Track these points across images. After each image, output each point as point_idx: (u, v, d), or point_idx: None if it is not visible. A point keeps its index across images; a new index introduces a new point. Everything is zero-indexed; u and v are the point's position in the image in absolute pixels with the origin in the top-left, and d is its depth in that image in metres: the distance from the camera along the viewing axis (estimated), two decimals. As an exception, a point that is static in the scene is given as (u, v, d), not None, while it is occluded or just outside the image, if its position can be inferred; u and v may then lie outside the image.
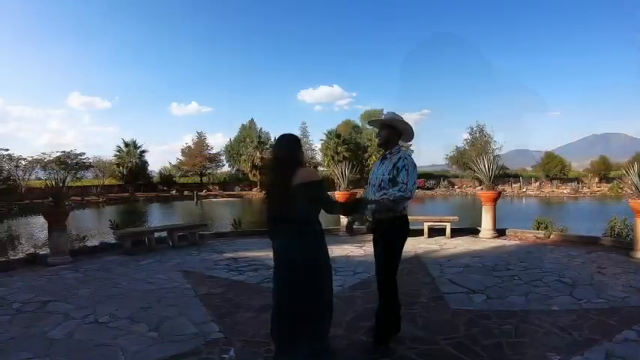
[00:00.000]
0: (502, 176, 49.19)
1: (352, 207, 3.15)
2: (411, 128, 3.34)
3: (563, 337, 3.37)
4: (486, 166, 8.80)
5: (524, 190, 41.10)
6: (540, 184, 44.38)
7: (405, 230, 3.26)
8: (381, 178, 3.16)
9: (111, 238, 10.00)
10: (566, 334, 3.40)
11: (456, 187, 45.28)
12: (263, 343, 3.34)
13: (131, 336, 3.55)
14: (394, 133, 3.29)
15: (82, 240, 12.19)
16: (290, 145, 2.82)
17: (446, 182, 46.55)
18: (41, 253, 7.38)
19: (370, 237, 3.46)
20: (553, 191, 39.53)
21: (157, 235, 8.40)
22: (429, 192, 42.71)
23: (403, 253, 6.62)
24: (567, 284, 4.84)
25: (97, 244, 8.46)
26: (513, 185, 43.48)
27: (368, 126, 54.24)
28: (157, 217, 24.74)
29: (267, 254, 6.87)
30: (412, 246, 7.49)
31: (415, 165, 3.18)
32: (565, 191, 38.79)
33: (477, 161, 9.10)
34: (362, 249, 7.39)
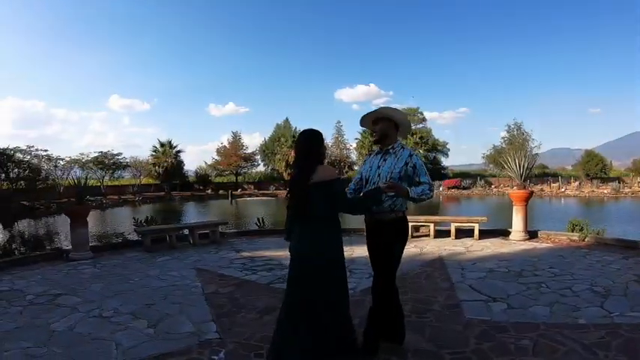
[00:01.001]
0: (541, 175, 47.16)
1: (372, 197, 2.84)
2: (408, 120, 3.09)
3: (586, 356, 2.95)
4: (517, 163, 8.21)
5: (562, 189, 39.01)
6: (580, 183, 42.01)
7: (407, 232, 3.04)
8: (389, 176, 2.89)
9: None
10: (590, 354, 2.98)
11: (492, 186, 43.61)
12: (256, 347, 3.25)
13: (129, 331, 3.60)
14: (391, 125, 3.02)
15: (118, 237, 12.59)
16: (308, 141, 2.70)
17: (482, 181, 44.93)
18: (65, 248, 7.59)
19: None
20: (593, 191, 37.13)
21: (181, 232, 8.53)
22: (465, 191, 41.36)
23: (427, 255, 6.45)
24: (599, 294, 4.33)
25: (120, 241, 8.67)
26: (552, 185, 41.44)
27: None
28: (191, 215, 25.29)
29: (286, 254, 6.63)
30: (437, 248, 7.16)
31: None
32: (605, 191, 36.35)
33: (507, 158, 8.54)
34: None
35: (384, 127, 3.00)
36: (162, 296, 4.63)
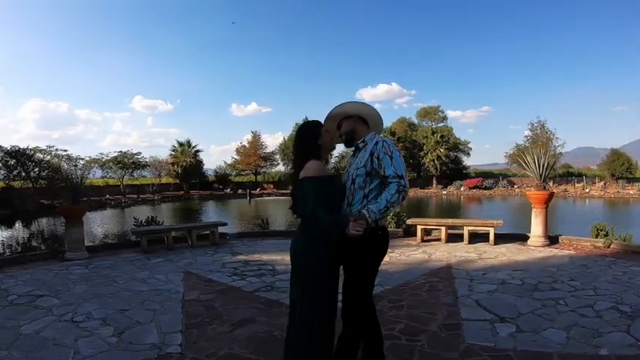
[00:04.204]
0: (565, 175, 45.36)
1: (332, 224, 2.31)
2: (371, 108, 2.55)
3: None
4: (537, 162, 7.53)
5: (587, 190, 37.22)
6: (605, 183, 40.03)
7: (385, 244, 2.45)
8: (354, 174, 2.39)
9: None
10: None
11: (515, 186, 42.16)
12: (214, 366, 2.94)
13: (92, 339, 3.43)
14: (353, 120, 2.54)
15: (122, 237, 12.46)
16: (300, 135, 2.46)
17: (505, 181, 43.44)
18: (62, 248, 7.45)
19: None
20: (618, 192, 35.20)
21: (180, 233, 8.30)
22: (486, 192, 40.09)
23: (434, 263, 5.92)
24: (625, 314, 3.69)
25: (117, 242, 8.48)
26: (576, 185, 39.70)
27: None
28: (208, 214, 25.32)
29: (283, 258, 6.48)
30: (447, 254, 6.62)
31: (399, 150, 2.39)
32: (631, 192, 34.39)
33: (525, 157, 7.84)
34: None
35: (348, 126, 2.54)
36: (140, 301, 4.41)
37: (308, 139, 2.40)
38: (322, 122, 2.54)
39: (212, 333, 3.51)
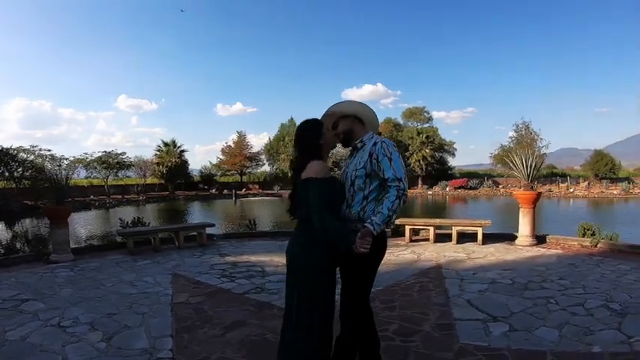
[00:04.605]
0: (549, 175, 46.19)
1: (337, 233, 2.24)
2: (367, 108, 2.53)
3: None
4: (524, 162, 7.63)
5: (571, 190, 38.06)
6: (589, 183, 41.05)
7: (384, 244, 2.43)
8: (353, 175, 2.35)
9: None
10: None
11: (500, 186, 42.85)
12: (208, 371, 2.87)
13: (81, 344, 3.34)
14: (350, 120, 2.49)
15: (107, 238, 12.22)
16: (301, 133, 2.37)
17: (490, 182, 44.06)
18: (46, 250, 7.27)
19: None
20: (602, 192, 36.15)
21: (166, 234, 8.16)
22: (471, 192, 40.57)
23: (423, 263, 5.94)
24: (615, 312, 3.76)
25: (103, 243, 8.33)
26: (560, 185, 40.58)
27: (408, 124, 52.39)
28: (194, 215, 25.06)
29: (272, 259, 6.41)
30: (436, 254, 6.65)
31: (398, 152, 2.36)
32: (615, 192, 35.35)
33: (514, 157, 7.94)
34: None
35: (345, 125, 2.49)
36: (128, 305, 4.31)
37: (309, 139, 2.34)
38: (323, 121, 2.48)
39: (203, 337, 3.44)
